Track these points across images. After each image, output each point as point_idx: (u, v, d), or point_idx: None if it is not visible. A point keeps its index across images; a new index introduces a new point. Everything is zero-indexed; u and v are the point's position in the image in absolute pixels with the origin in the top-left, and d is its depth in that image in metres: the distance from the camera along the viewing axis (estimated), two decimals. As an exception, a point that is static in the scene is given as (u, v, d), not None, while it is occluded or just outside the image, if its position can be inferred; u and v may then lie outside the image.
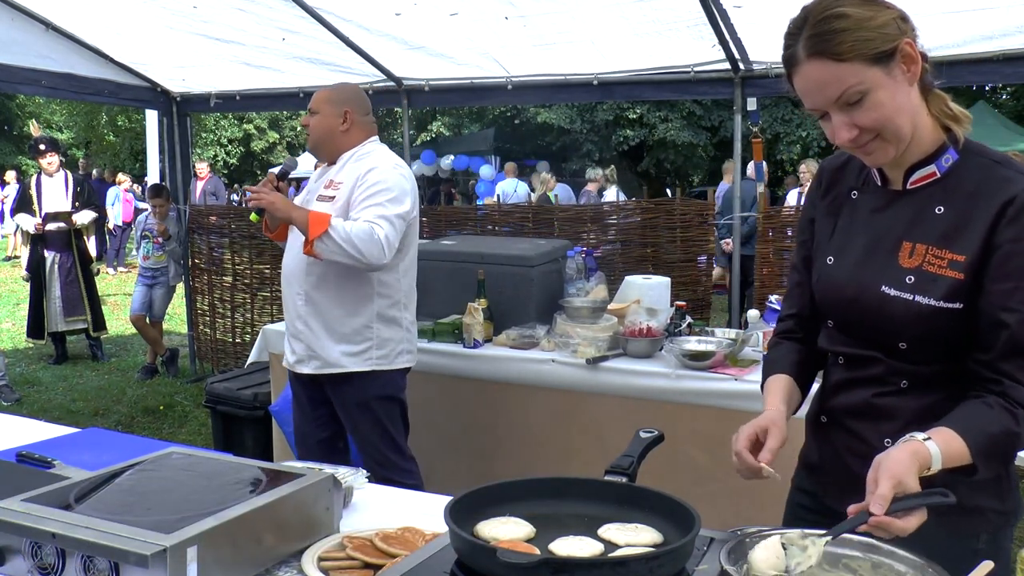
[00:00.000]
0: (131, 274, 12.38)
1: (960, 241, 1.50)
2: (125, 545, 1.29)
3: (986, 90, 20.05)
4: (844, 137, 1.48)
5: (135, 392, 6.98)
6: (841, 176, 1.71)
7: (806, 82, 1.48)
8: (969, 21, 4.24)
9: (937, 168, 1.54)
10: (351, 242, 3.03)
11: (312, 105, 3.30)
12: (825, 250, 1.68)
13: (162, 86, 6.90)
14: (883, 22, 1.44)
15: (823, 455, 1.73)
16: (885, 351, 1.58)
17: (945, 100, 1.55)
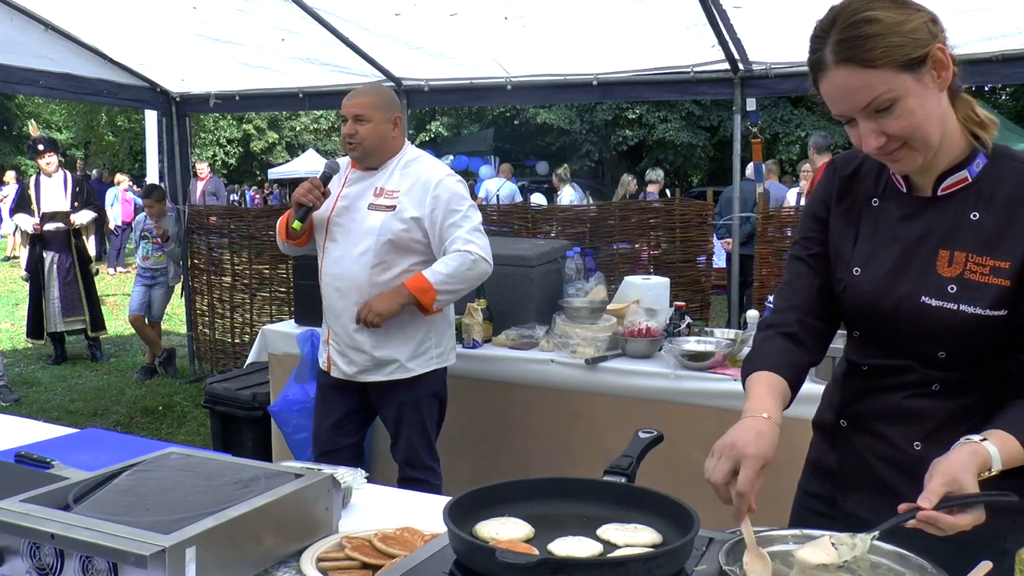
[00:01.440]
0: (131, 274, 12.37)
1: (1002, 247, 1.47)
2: (124, 546, 1.29)
3: (985, 90, 20.06)
4: (872, 145, 1.44)
5: (134, 392, 6.98)
6: (856, 182, 1.65)
7: (834, 89, 1.43)
8: (969, 22, 4.24)
9: (969, 174, 1.51)
10: (458, 279, 3.17)
11: (359, 111, 3.19)
12: (850, 260, 1.62)
13: (161, 86, 6.91)
14: (915, 27, 1.39)
15: (843, 460, 1.69)
16: (920, 360, 1.55)
17: (972, 105, 1.52)
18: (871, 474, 1.63)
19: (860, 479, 1.65)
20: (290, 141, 31.62)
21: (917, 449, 1.56)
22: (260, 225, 6.95)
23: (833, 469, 1.71)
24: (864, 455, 1.64)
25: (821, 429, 1.77)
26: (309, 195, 3.17)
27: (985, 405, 1.52)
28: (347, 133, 3.22)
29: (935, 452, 1.39)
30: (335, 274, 3.26)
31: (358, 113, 3.20)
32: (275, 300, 6.99)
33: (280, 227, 3.39)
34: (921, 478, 1.37)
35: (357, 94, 3.28)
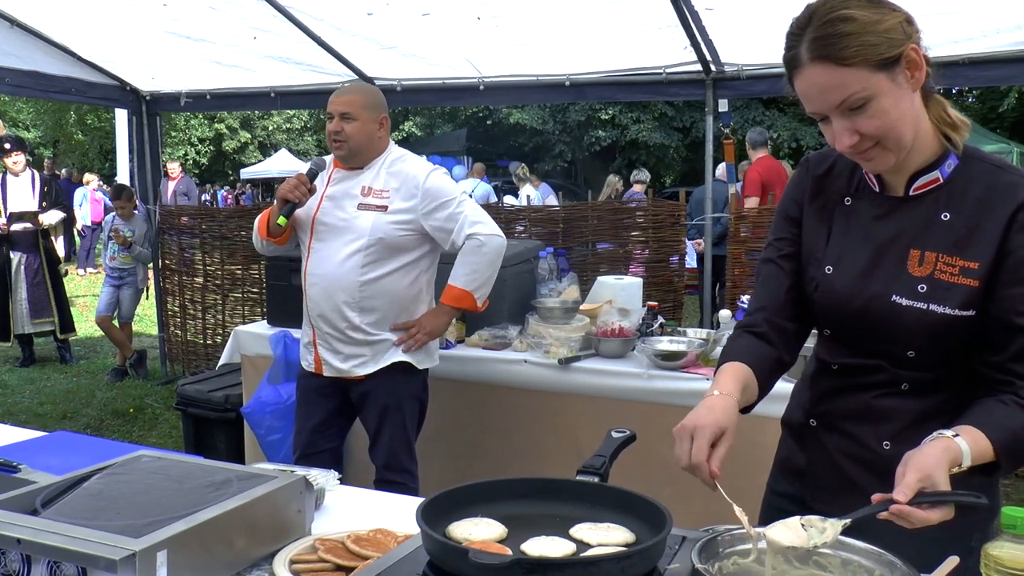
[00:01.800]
0: (101, 275, 12.24)
1: (972, 248, 1.49)
2: (93, 550, 1.27)
3: (953, 93, 20.31)
4: (845, 143, 1.45)
5: (104, 395, 6.90)
6: (829, 181, 1.66)
7: (808, 86, 1.44)
8: (936, 25, 4.29)
9: (941, 174, 1.52)
10: (482, 269, 3.25)
11: (346, 109, 3.17)
12: (822, 259, 1.63)
13: (131, 85, 6.84)
14: (890, 26, 1.40)
15: (812, 459, 1.70)
16: (890, 360, 1.56)
17: (945, 106, 1.53)
18: (840, 473, 1.64)
19: (829, 478, 1.67)
20: (262, 141, 31.41)
21: (886, 448, 1.58)
22: (232, 225, 6.90)
23: (802, 468, 1.73)
24: (833, 454, 1.66)
25: (790, 428, 1.78)
26: (296, 191, 3.14)
27: (953, 405, 1.54)
28: (333, 131, 3.19)
29: (904, 451, 1.41)
30: (322, 274, 3.22)
31: (345, 111, 3.18)
32: (247, 301, 6.95)
33: (261, 225, 3.34)
34: (890, 477, 1.38)
35: (345, 92, 3.25)
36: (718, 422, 1.45)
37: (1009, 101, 18.68)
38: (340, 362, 3.28)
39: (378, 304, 3.22)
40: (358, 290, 3.18)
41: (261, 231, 3.34)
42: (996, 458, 1.40)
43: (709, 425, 1.44)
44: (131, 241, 7.08)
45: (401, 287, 3.26)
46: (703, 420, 1.45)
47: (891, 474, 1.39)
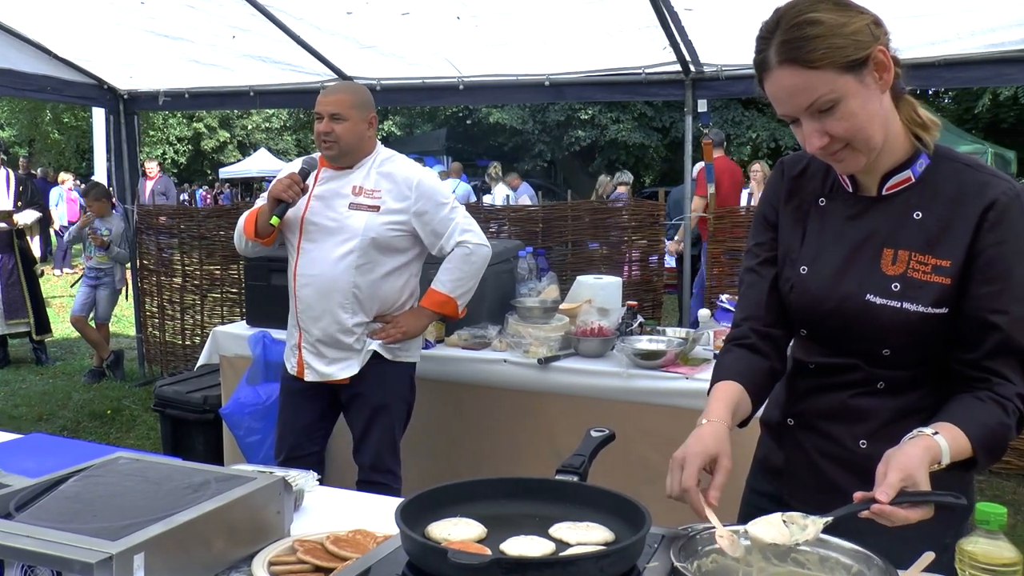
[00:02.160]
0: (78, 275, 12.14)
1: (943, 246, 1.50)
2: (68, 553, 1.26)
3: (929, 94, 20.49)
4: (815, 145, 1.46)
5: (81, 396, 6.85)
6: (803, 182, 1.68)
7: (777, 89, 1.45)
8: (912, 27, 4.33)
9: (912, 173, 1.54)
10: (467, 276, 3.28)
11: (336, 109, 3.15)
12: (797, 259, 1.64)
13: (108, 83, 6.78)
14: (856, 29, 1.41)
15: (790, 459, 1.71)
16: (866, 358, 1.58)
17: (914, 106, 1.54)
18: (817, 472, 1.66)
19: (807, 477, 1.68)
20: (242, 140, 31.27)
21: (863, 447, 1.59)
22: (211, 225, 6.86)
23: (780, 468, 1.74)
24: (810, 453, 1.67)
25: (768, 428, 1.79)
26: (289, 191, 3.12)
27: (929, 403, 1.55)
28: (323, 131, 3.17)
29: (880, 450, 1.42)
30: (314, 275, 3.20)
31: (335, 111, 3.16)
32: (226, 301, 6.91)
33: (247, 226, 3.29)
34: (867, 476, 1.40)
35: (334, 91, 3.23)
36: (707, 450, 1.46)
37: (983, 102, 18.88)
38: (324, 366, 3.26)
39: (370, 306, 3.22)
40: (352, 291, 3.18)
41: (248, 232, 3.29)
42: (974, 454, 1.41)
43: (698, 454, 1.45)
44: (108, 241, 7.03)
45: (394, 289, 3.26)
46: (692, 450, 1.46)
47: (868, 472, 1.41)
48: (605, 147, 24.66)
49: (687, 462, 1.44)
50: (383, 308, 3.26)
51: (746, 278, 1.75)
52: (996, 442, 1.45)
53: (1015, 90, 17.66)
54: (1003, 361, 1.48)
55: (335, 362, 3.26)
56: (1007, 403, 1.46)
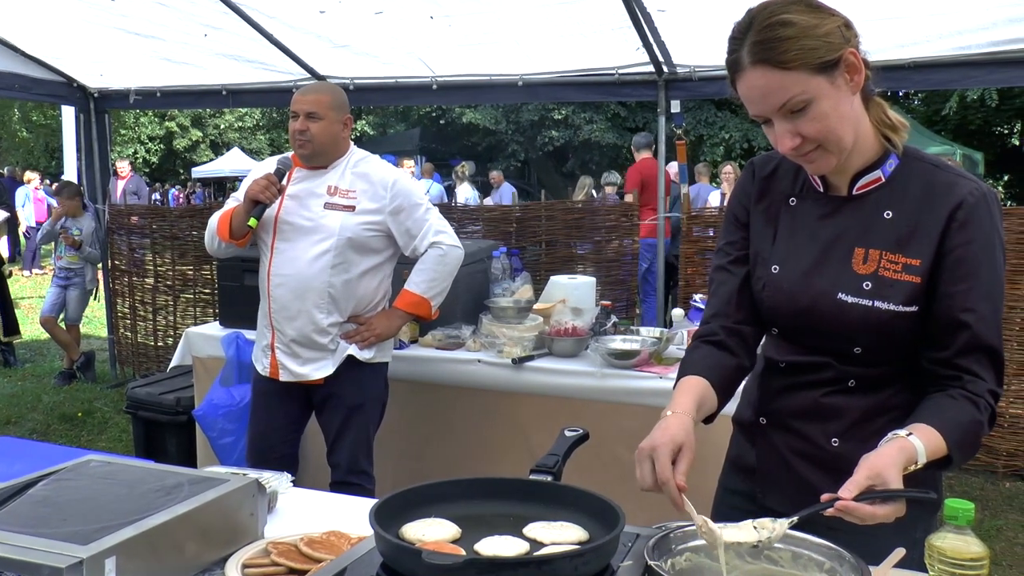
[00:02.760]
0: (47, 276, 12.01)
1: (913, 246, 1.52)
2: (38, 558, 1.24)
3: (899, 96, 20.70)
4: (787, 145, 1.48)
5: (51, 399, 6.76)
6: (773, 182, 1.69)
7: (749, 89, 1.47)
8: (883, 30, 4.39)
9: (882, 173, 1.56)
10: (440, 277, 3.30)
11: (312, 109, 3.14)
12: (768, 259, 1.66)
13: (78, 81, 6.71)
14: (828, 30, 1.43)
15: (763, 458, 1.72)
16: (837, 357, 1.59)
17: (884, 108, 1.56)
18: (790, 471, 1.67)
19: (779, 476, 1.69)
20: (214, 139, 31.01)
21: (835, 446, 1.61)
22: (184, 225, 6.81)
23: (753, 466, 1.75)
24: (783, 452, 1.68)
25: (741, 426, 1.80)
26: (267, 192, 3.10)
27: (899, 401, 1.58)
28: (298, 129, 3.15)
29: (852, 448, 1.44)
30: (289, 275, 3.18)
31: (311, 111, 3.14)
32: (199, 302, 6.86)
33: (221, 227, 3.25)
34: (839, 474, 1.41)
35: (311, 91, 3.22)
36: (674, 439, 1.45)
37: (951, 104, 19.09)
38: (298, 366, 3.25)
39: (345, 306, 3.22)
40: (327, 291, 3.17)
41: (222, 233, 3.25)
42: (949, 453, 1.43)
43: (666, 443, 1.44)
44: (79, 241, 6.95)
45: (369, 290, 3.26)
46: (659, 440, 1.45)
47: (840, 470, 1.43)
48: (579, 147, 24.69)
49: (657, 452, 1.43)
50: (358, 308, 3.25)
51: (716, 276, 1.76)
52: (970, 440, 1.47)
53: (982, 93, 17.88)
54: (973, 358, 1.50)
55: (309, 362, 3.24)
56: (979, 400, 1.48)
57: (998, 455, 4.97)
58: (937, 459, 1.43)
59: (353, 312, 3.25)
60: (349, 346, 3.26)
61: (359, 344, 3.25)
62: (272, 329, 3.26)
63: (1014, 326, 4.86)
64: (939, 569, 1.23)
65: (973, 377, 1.49)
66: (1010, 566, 3.98)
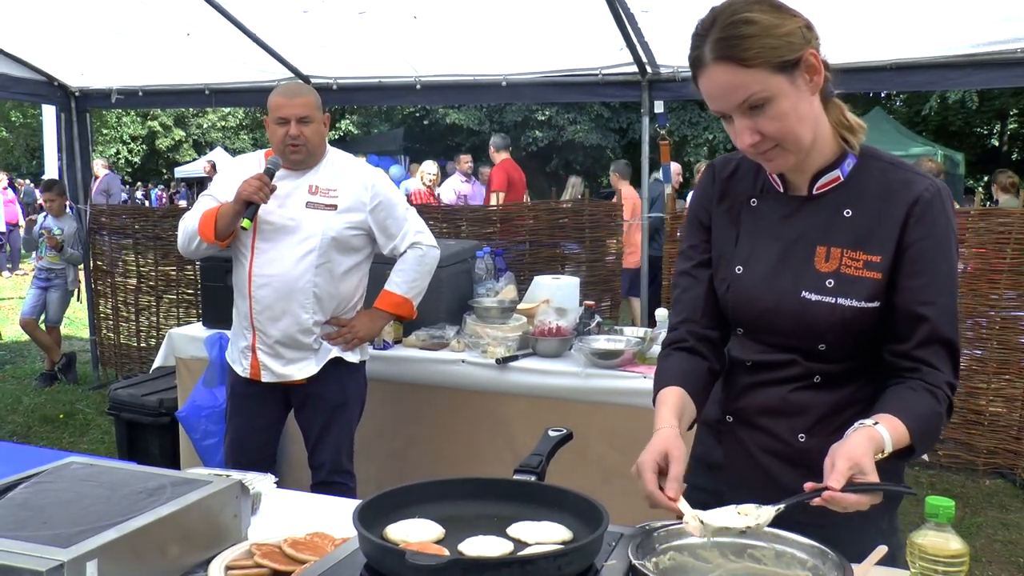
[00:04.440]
0: (29, 277, 11.91)
1: (873, 242, 1.55)
2: (17, 562, 1.23)
3: (881, 97, 20.84)
4: (746, 142, 1.50)
5: (32, 401, 6.71)
6: (734, 183, 1.71)
7: (711, 85, 1.49)
8: (864, 31, 4.42)
9: (841, 173, 1.58)
10: (420, 277, 3.34)
11: (305, 112, 3.10)
12: (731, 260, 1.67)
13: (59, 80, 6.66)
14: (789, 30, 1.45)
15: (730, 455, 1.74)
16: (803, 354, 1.61)
17: (842, 110, 1.59)
18: (757, 467, 1.69)
19: (747, 473, 1.71)
20: (197, 139, 30.85)
21: (802, 441, 1.63)
22: (166, 225, 6.77)
23: (720, 464, 1.77)
24: (750, 449, 1.70)
25: (707, 425, 1.81)
26: (260, 192, 3.06)
27: (864, 395, 1.60)
28: (292, 135, 3.10)
29: (819, 443, 1.47)
30: (273, 275, 3.15)
31: (304, 115, 3.11)
32: (182, 303, 6.83)
33: (205, 228, 3.17)
34: (806, 469, 1.47)
35: (296, 94, 3.16)
36: (659, 451, 1.48)
37: (931, 105, 19.26)
38: (281, 367, 3.23)
39: (329, 305, 3.21)
40: (312, 290, 3.16)
41: (206, 235, 3.17)
42: (911, 442, 1.45)
43: (649, 459, 1.47)
44: (61, 241, 6.91)
45: (350, 288, 3.27)
46: (643, 458, 1.48)
47: (807, 466, 1.48)
48: (563, 148, 24.72)
49: (641, 469, 1.46)
50: (339, 307, 3.25)
51: (681, 281, 1.78)
52: (931, 430, 1.50)
53: (963, 94, 18.04)
54: (932, 351, 1.53)
55: (292, 362, 3.23)
56: (937, 391, 1.51)
57: (978, 453, 5.01)
58: (901, 449, 1.45)
59: (335, 311, 3.25)
60: (335, 349, 3.26)
61: (342, 347, 3.25)
62: (253, 330, 3.23)
63: (994, 325, 4.91)
64: (920, 566, 1.24)
65: (932, 369, 1.52)
66: (990, 562, 4.02)
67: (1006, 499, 4.76)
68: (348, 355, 3.28)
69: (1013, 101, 20.81)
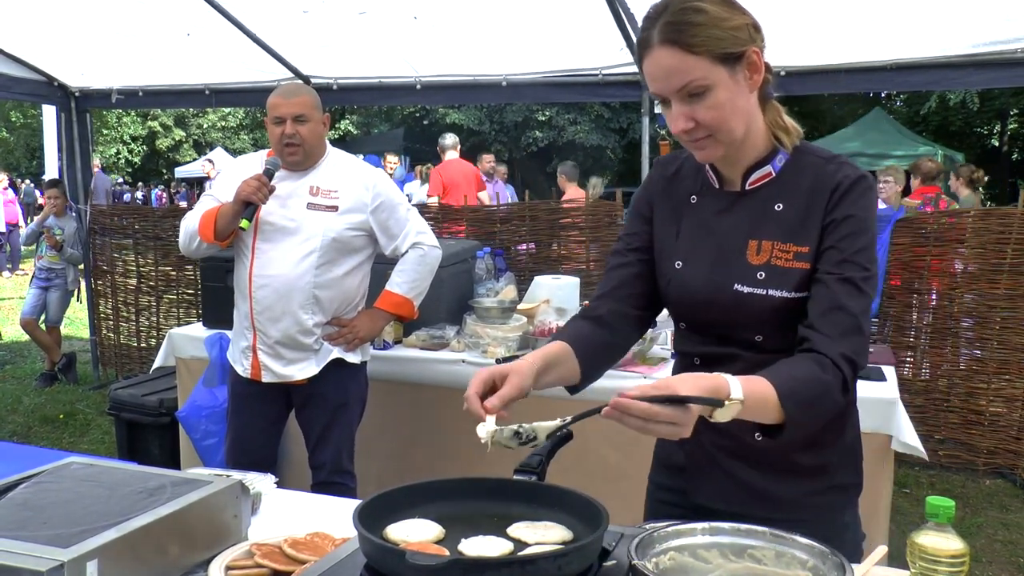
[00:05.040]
0: (27, 277, 11.91)
1: (802, 234, 1.58)
2: (17, 562, 1.23)
3: (881, 97, 20.85)
4: (680, 127, 1.53)
5: (32, 401, 6.71)
6: (677, 181, 1.75)
7: (655, 67, 1.52)
8: (864, 31, 4.42)
9: (772, 168, 1.62)
10: (422, 277, 3.34)
11: (301, 111, 3.11)
12: (671, 255, 1.71)
13: (59, 80, 6.66)
14: (737, 25, 1.49)
15: (691, 456, 1.76)
16: (742, 346, 1.63)
17: (780, 112, 1.63)
18: (718, 466, 1.71)
19: (709, 473, 1.73)
20: (197, 139, 30.87)
21: (758, 440, 1.63)
22: (166, 225, 6.77)
23: (682, 465, 1.79)
24: (709, 450, 1.72)
25: None
26: (259, 193, 3.06)
27: None
28: (288, 134, 3.10)
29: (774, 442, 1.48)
30: (273, 276, 3.15)
31: (300, 113, 3.11)
32: (182, 303, 6.83)
33: (205, 228, 3.17)
34: (767, 467, 1.62)
35: (293, 93, 3.17)
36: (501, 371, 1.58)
37: (930, 105, 19.28)
38: (282, 367, 3.23)
39: (329, 306, 3.21)
40: (313, 291, 3.16)
41: (205, 235, 3.17)
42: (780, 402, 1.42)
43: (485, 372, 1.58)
44: (61, 241, 6.91)
45: (351, 289, 3.26)
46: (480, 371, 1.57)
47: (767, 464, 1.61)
48: (563, 148, 24.73)
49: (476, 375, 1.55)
50: (340, 308, 3.25)
51: (611, 260, 1.82)
52: (807, 395, 1.45)
53: (963, 94, 18.05)
54: (828, 319, 1.52)
55: (293, 363, 3.23)
56: (823, 358, 1.48)
57: (978, 453, 5.01)
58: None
59: (336, 312, 3.24)
60: (336, 350, 3.26)
61: (343, 347, 3.25)
62: (254, 331, 3.23)
63: (994, 325, 4.91)
64: (920, 566, 1.24)
65: (823, 336, 1.51)
66: (990, 562, 4.02)
67: (1006, 499, 4.76)
68: (349, 356, 3.28)
69: (1013, 101, 20.83)
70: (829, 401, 1.48)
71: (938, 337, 5.08)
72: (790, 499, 1.64)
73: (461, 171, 8.80)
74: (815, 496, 1.64)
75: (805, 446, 1.63)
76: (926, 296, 5.10)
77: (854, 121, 17.45)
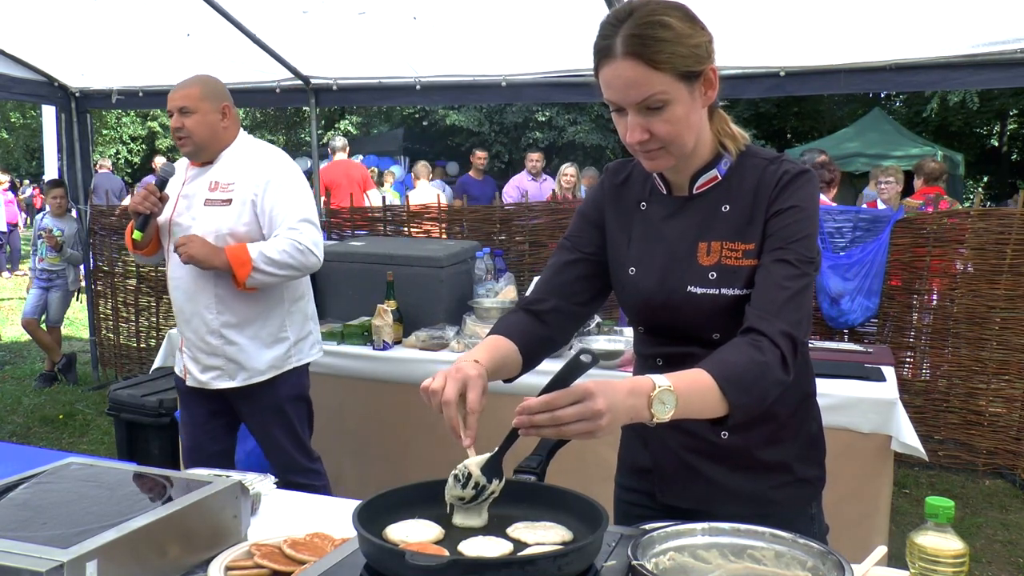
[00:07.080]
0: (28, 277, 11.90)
1: (749, 231, 1.61)
2: (17, 562, 1.23)
3: (881, 97, 20.84)
4: (635, 138, 1.54)
5: (32, 401, 6.71)
6: (626, 188, 1.76)
7: (615, 78, 1.51)
8: (864, 32, 4.42)
9: (719, 172, 1.64)
10: (282, 265, 3.04)
11: (184, 103, 3.09)
12: (624, 262, 1.73)
13: (59, 80, 6.66)
14: (698, 43, 1.50)
15: (658, 458, 1.77)
16: (701, 345, 1.63)
17: (726, 121, 1.66)
18: (686, 467, 1.72)
19: (676, 474, 1.74)
20: (196, 139, 30.82)
21: (724, 438, 1.66)
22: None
23: (648, 467, 1.80)
24: (676, 451, 1.73)
25: (632, 429, 1.85)
26: (144, 203, 3.06)
27: None
28: (174, 127, 3.12)
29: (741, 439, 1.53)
30: (181, 277, 3.16)
31: (183, 105, 3.11)
32: (181, 303, 6.81)
33: (127, 238, 3.24)
34: (735, 465, 1.65)
35: (181, 86, 3.18)
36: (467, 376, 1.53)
37: (931, 106, 19.27)
38: (200, 372, 3.22)
39: (239, 306, 3.15)
40: (214, 291, 3.12)
41: (129, 246, 3.26)
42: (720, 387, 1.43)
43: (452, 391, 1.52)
44: (61, 242, 6.91)
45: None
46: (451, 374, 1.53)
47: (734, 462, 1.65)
48: (563, 148, 24.72)
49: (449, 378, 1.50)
50: (260, 306, 3.16)
51: (552, 260, 1.83)
52: (747, 378, 1.45)
53: (963, 95, 18.04)
54: (766, 298, 1.53)
55: (208, 370, 3.21)
56: (760, 338, 1.49)
57: (978, 453, 5.01)
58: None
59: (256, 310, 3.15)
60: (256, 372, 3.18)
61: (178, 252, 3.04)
62: (180, 332, 3.27)
63: (993, 326, 4.91)
64: (920, 566, 1.24)
65: (760, 315, 1.51)
66: (990, 563, 4.02)
67: (1006, 499, 4.76)
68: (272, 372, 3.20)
69: (1013, 101, 20.81)
70: (770, 380, 1.48)
71: (938, 337, 5.08)
72: (757, 495, 1.67)
73: (345, 172, 8.97)
74: (780, 490, 1.67)
75: (767, 442, 1.66)
76: (926, 296, 5.10)
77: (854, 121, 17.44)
